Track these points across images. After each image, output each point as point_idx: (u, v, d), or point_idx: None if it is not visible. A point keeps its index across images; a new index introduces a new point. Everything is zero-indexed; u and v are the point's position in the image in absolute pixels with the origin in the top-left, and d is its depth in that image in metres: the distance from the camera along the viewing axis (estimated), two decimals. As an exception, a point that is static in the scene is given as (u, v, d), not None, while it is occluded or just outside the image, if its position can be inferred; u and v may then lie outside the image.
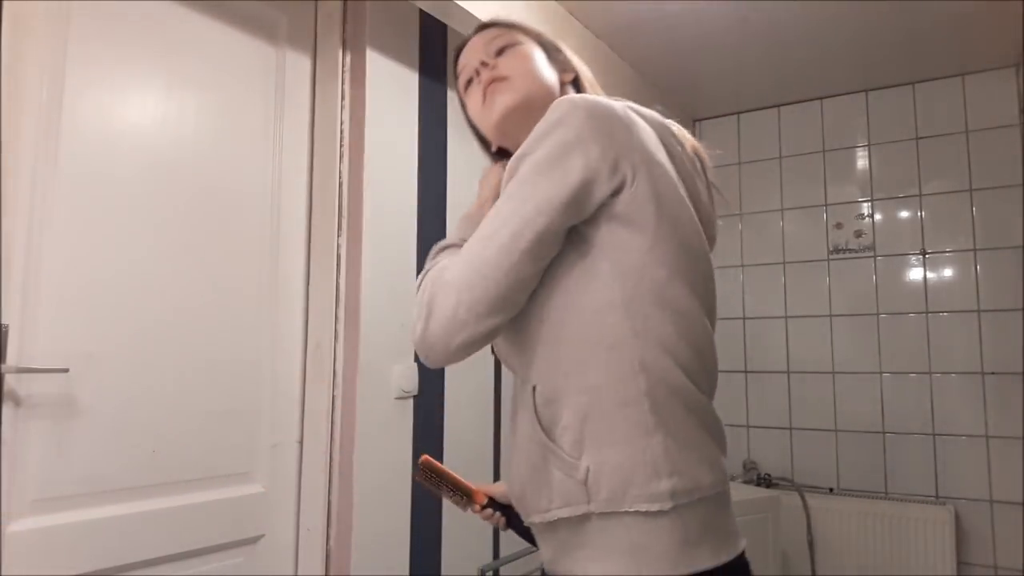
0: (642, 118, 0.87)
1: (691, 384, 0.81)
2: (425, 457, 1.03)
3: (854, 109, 3.17)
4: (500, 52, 0.96)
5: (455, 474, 1.04)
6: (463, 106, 1.05)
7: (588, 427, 0.79)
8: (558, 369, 0.81)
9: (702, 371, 0.83)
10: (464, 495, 1.04)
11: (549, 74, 0.96)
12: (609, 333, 0.79)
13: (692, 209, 0.87)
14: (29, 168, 1.33)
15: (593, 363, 0.79)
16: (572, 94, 0.87)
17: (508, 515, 1.05)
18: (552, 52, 1.00)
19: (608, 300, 0.79)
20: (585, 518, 0.79)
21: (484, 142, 1.07)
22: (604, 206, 0.81)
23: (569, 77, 1.00)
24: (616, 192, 0.80)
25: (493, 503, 1.06)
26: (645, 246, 0.80)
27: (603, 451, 0.78)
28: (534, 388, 0.82)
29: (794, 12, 2.46)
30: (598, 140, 0.79)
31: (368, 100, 1.84)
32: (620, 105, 0.85)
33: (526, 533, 1.03)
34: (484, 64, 0.96)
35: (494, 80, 0.93)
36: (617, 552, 0.77)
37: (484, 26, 1.03)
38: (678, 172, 0.87)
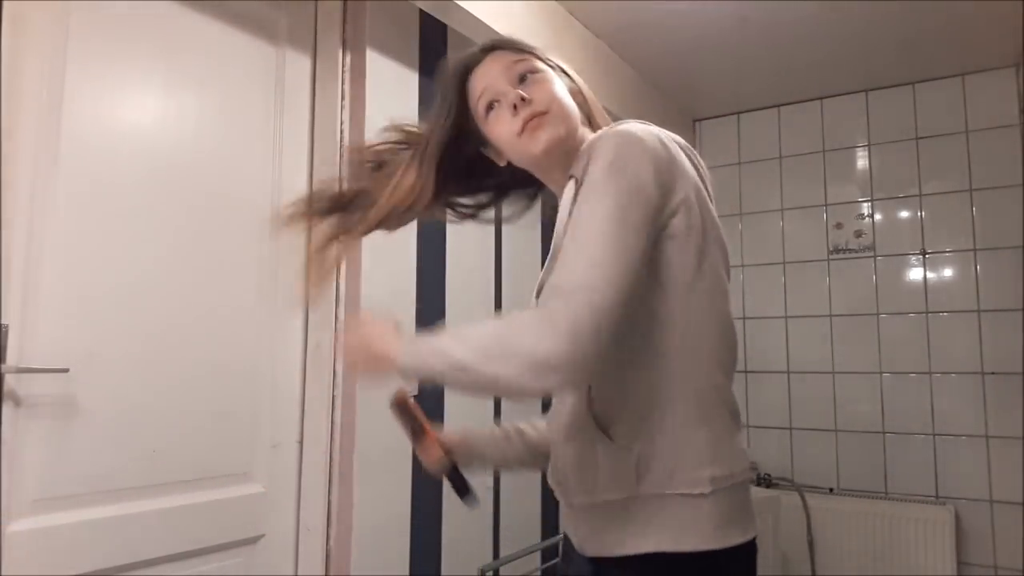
0: (672, 142, 0.93)
1: (726, 381, 0.93)
2: (401, 391, 1.11)
3: (854, 109, 3.17)
4: (523, 78, 1.01)
5: (424, 420, 1.13)
6: (472, 122, 1.07)
7: (640, 420, 0.88)
8: (617, 369, 0.89)
9: (732, 367, 0.95)
10: (423, 442, 1.13)
11: (571, 101, 1.02)
12: (661, 341, 0.88)
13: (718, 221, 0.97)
14: (29, 168, 1.33)
15: (647, 366, 0.89)
16: (627, 126, 0.91)
17: (454, 466, 1.13)
18: (561, 74, 1.05)
19: (664, 312, 0.89)
20: (630, 500, 0.88)
21: (477, 155, 1.10)
22: (663, 229, 0.88)
23: (580, 98, 1.05)
24: (672, 216, 0.88)
25: (448, 453, 1.13)
26: (695, 264, 0.90)
27: (653, 441, 0.88)
28: (589, 387, 0.90)
29: (794, 12, 2.46)
30: (658, 172, 0.87)
31: (368, 100, 1.84)
32: (664, 134, 0.92)
33: (459, 485, 1.12)
34: (523, 100, 0.98)
35: (535, 115, 0.98)
36: (662, 529, 0.86)
37: (494, 47, 1.05)
38: (705, 188, 0.96)
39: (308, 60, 1.88)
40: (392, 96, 1.92)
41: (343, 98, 1.86)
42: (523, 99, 0.98)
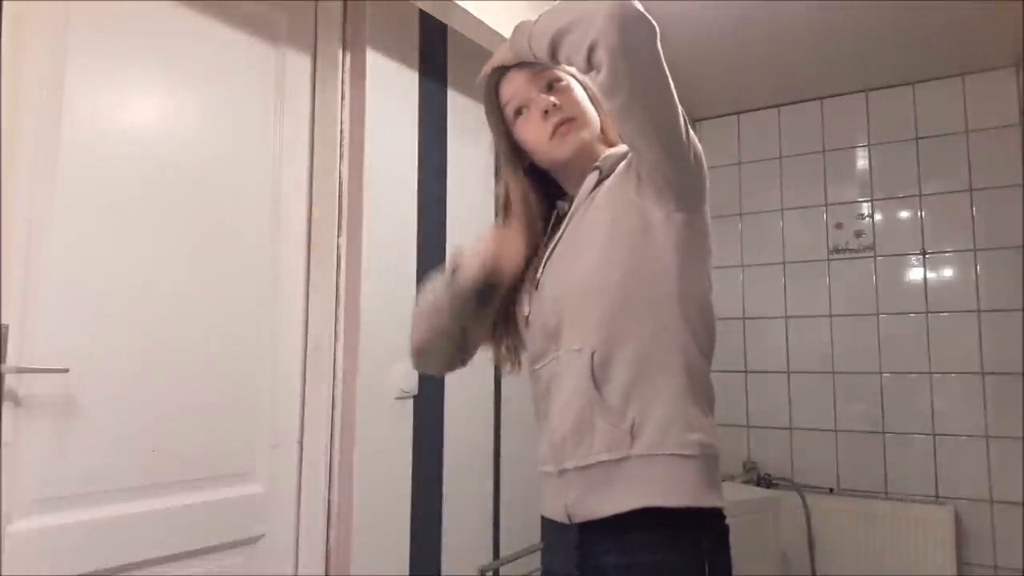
0: None
1: (707, 365, 1.03)
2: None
3: (854, 109, 3.17)
4: (550, 86, 1.10)
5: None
6: (505, 127, 1.14)
7: (635, 388, 0.97)
8: (619, 340, 0.98)
9: (711, 354, 1.04)
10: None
11: (592, 108, 1.12)
12: (665, 318, 0.99)
13: None
14: (29, 168, 1.33)
15: (648, 339, 0.98)
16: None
17: None
18: (577, 83, 1.14)
19: (667, 292, 0.99)
20: (622, 461, 0.96)
21: (512, 157, 1.17)
22: (691, 219, 1.00)
23: (596, 104, 1.13)
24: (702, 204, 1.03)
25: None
26: (706, 254, 1.03)
27: (647, 407, 0.96)
28: (593, 352, 0.98)
29: (794, 12, 2.46)
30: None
31: (368, 100, 1.84)
32: None
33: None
34: (555, 106, 1.08)
35: (564, 121, 1.08)
36: (652, 486, 0.94)
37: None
38: None
39: (308, 60, 1.88)
40: (392, 96, 1.92)
41: (343, 98, 1.86)
42: (555, 105, 1.07)
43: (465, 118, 2.17)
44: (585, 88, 1.13)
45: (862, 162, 3.14)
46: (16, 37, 1.31)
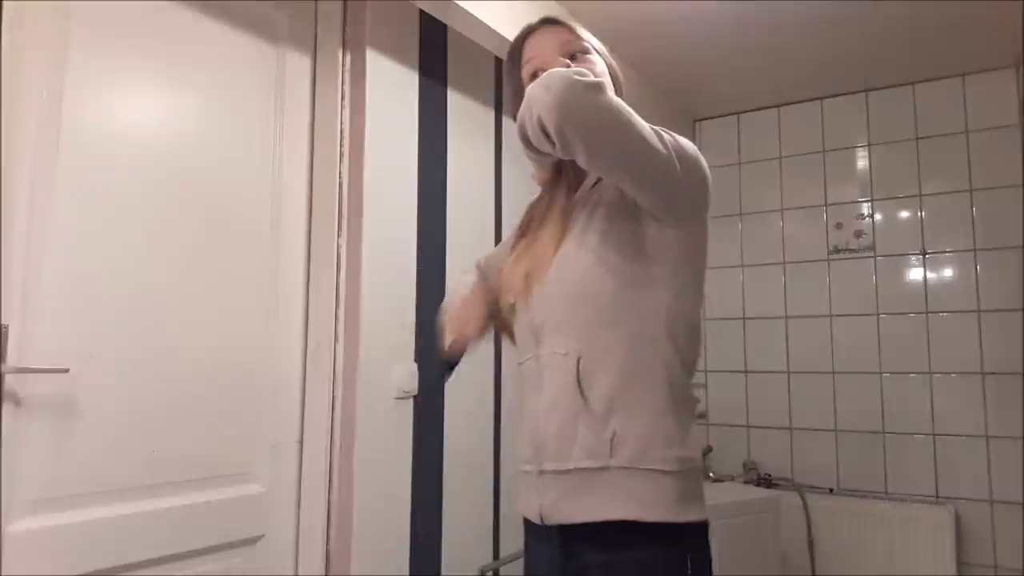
0: None
1: (690, 380, 1.03)
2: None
3: (854, 109, 3.17)
4: (572, 57, 1.08)
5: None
6: (515, 88, 1.14)
7: (618, 399, 0.97)
8: (605, 349, 0.98)
9: (695, 367, 1.05)
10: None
11: (611, 84, 1.08)
12: (652, 332, 0.99)
13: None
14: (29, 168, 1.33)
15: (633, 351, 0.98)
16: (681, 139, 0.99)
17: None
18: (607, 61, 1.13)
19: (656, 306, 0.99)
20: (602, 470, 0.96)
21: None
22: (686, 234, 1.00)
23: (616, 85, 1.12)
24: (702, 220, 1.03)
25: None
26: (699, 268, 1.03)
27: (630, 420, 0.97)
28: (579, 359, 0.98)
29: (794, 12, 2.46)
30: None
31: (368, 100, 1.84)
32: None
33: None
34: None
35: None
36: (631, 499, 0.95)
37: (552, 21, 1.14)
38: None
39: (308, 60, 1.88)
40: (392, 96, 1.92)
41: (343, 98, 1.86)
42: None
43: (465, 118, 2.18)
44: (610, 69, 1.11)
45: (862, 162, 3.14)
46: (16, 37, 1.31)
